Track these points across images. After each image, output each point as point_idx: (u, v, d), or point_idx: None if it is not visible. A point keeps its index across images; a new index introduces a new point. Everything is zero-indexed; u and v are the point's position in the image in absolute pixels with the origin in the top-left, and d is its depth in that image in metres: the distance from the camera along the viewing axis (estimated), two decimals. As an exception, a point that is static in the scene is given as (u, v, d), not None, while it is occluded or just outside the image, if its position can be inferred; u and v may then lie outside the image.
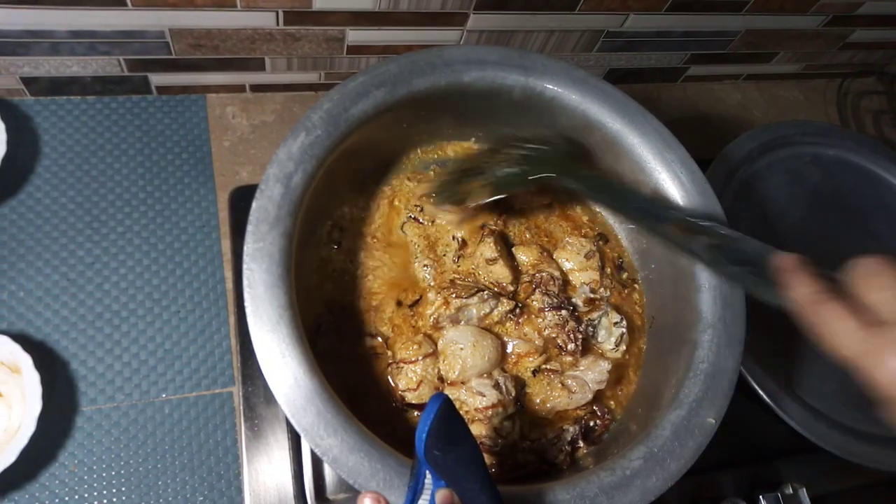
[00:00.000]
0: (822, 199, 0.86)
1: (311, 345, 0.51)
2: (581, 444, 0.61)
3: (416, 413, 0.59)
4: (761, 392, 0.69)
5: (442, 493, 0.41)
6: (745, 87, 1.06)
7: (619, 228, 0.71)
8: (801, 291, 0.45)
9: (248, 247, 0.51)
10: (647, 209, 0.58)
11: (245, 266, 0.50)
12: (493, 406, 0.57)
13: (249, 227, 0.51)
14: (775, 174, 0.84)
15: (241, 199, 0.77)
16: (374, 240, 0.65)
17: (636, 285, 0.69)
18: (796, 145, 0.86)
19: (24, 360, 0.62)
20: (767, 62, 1.02)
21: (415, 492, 0.42)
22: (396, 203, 0.67)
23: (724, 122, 1.02)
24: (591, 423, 0.61)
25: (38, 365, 0.62)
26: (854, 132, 1.00)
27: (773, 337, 0.76)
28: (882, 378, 0.40)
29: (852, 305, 0.42)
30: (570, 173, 0.60)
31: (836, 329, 0.42)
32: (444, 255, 0.65)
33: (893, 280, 0.42)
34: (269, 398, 0.68)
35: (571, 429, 0.60)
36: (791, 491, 0.71)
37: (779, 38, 0.96)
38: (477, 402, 0.57)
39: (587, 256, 0.66)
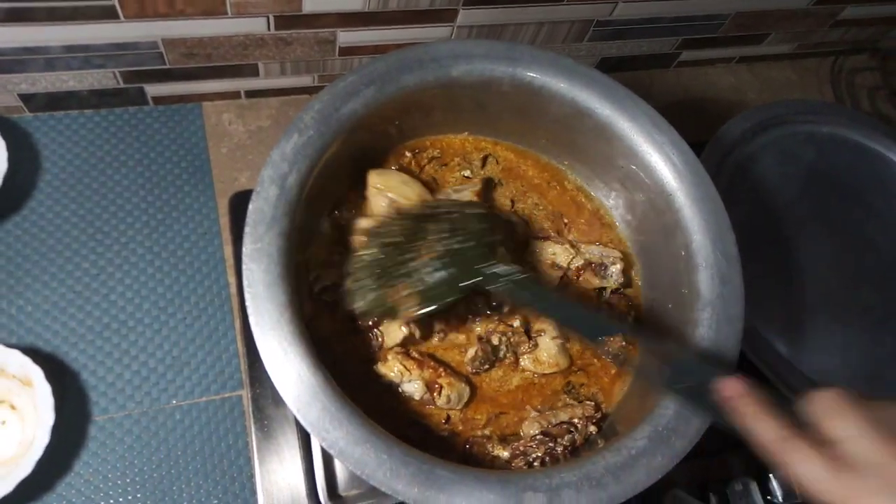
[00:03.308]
0: (818, 177, 0.86)
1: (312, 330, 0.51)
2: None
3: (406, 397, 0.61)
4: (764, 369, 0.69)
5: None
6: (738, 70, 1.06)
7: (619, 219, 0.72)
8: (762, 429, 0.44)
9: (247, 248, 0.51)
10: (586, 321, 0.56)
11: (244, 266, 0.51)
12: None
13: (247, 229, 0.52)
14: (770, 154, 0.84)
15: (241, 204, 0.77)
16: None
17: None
18: (790, 124, 0.86)
19: (35, 373, 0.63)
20: (759, 44, 1.02)
21: None
22: (391, 195, 0.67)
23: (718, 106, 1.02)
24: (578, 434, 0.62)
25: (49, 377, 0.63)
26: (847, 109, 1.00)
27: (774, 313, 0.76)
28: None
29: (817, 442, 0.41)
30: (497, 280, 0.55)
31: (807, 471, 0.41)
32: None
33: (855, 417, 0.41)
34: (278, 399, 0.69)
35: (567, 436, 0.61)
36: (800, 467, 0.71)
37: (769, 19, 0.96)
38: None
39: None
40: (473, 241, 0.57)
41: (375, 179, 0.65)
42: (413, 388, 0.60)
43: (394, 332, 0.61)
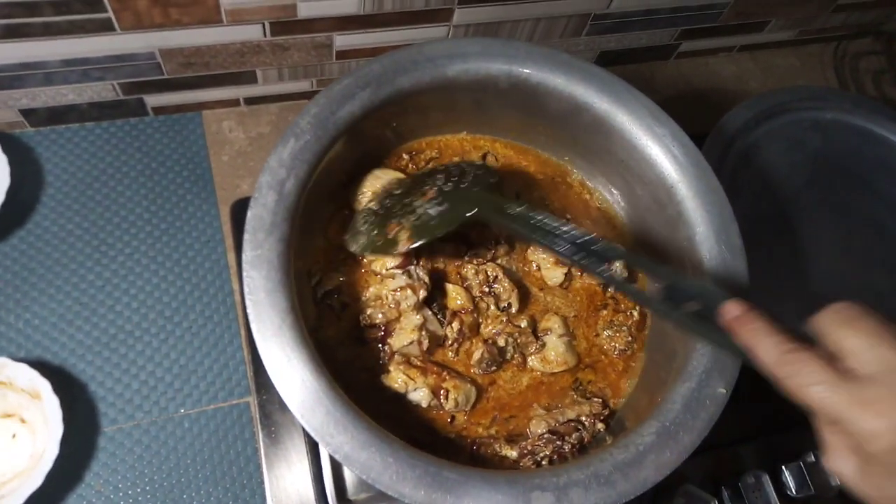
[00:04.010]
0: (824, 164, 0.85)
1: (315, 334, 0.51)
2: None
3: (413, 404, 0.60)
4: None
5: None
6: (740, 59, 1.05)
7: (622, 213, 0.71)
8: (764, 343, 0.42)
9: (247, 254, 0.51)
10: (584, 246, 0.53)
11: (245, 273, 0.51)
12: (402, 288, 0.60)
13: (246, 236, 0.52)
14: (774, 142, 0.83)
15: (243, 211, 0.75)
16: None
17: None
18: (794, 111, 0.85)
19: (44, 386, 0.64)
20: (760, 31, 1.01)
21: None
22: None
23: (720, 96, 1.01)
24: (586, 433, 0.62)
25: (58, 389, 0.64)
26: (851, 94, 0.99)
27: (782, 303, 0.75)
28: (868, 430, 0.37)
29: (823, 355, 0.39)
30: (495, 209, 0.56)
31: (813, 382, 0.39)
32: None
33: (864, 327, 0.39)
34: (284, 405, 0.67)
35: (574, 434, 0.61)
36: (813, 459, 0.70)
37: (770, 6, 0.95)
38: (391, 284, 0.61)
39: None
40: (468, 182, 0.59)
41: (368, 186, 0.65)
42: (419, 395, 0.59)
43: (402, 337, 0.61)
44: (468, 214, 0.56)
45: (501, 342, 0.63)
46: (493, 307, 0.64)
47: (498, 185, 0.60)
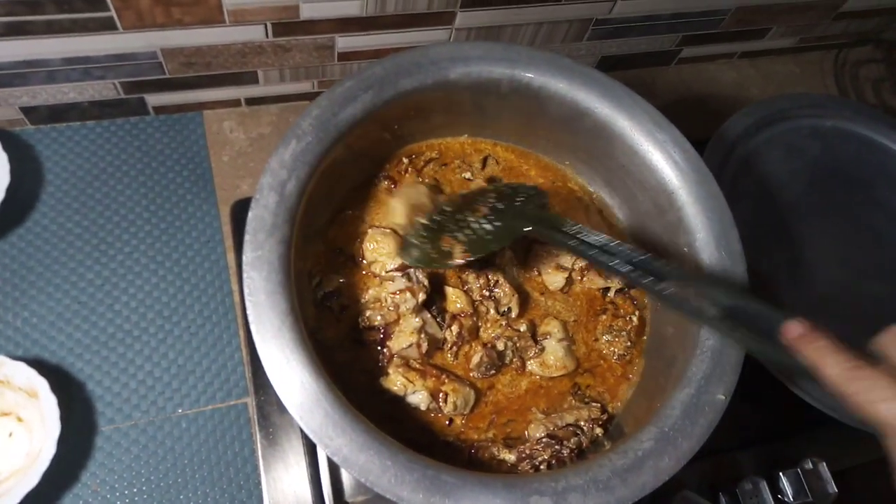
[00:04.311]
0: (824, 172, 0.85)
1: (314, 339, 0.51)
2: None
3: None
4: (772, 368, 0.69)
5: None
6: (741, 65, 1.05)
7: (622, 219, 0.71)
8: (830, 360, 0.42)
9: (247, 256, 0.51)
10: (641, 266, 0.53)
11: (245, 275, 0.51)
12: (402, 291, 0.60)
13: (247, 237, 0.52)
14: (774, 149, 0.83)
15: (243, 212, 0.76)
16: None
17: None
18: (794, 119, 0.85)
19: (41, 385, 0.64)
20: (761, 38, 1.01)
21: None
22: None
23: (721, 102, 1.01)
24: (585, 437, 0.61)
25: (55, 388, 0.64)
26: (851, 101, 1.00)
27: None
28: None
29: (890, 373, 0.39)
30: (550, 226, 0.57)
31: (881, 399, 0.38)
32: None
33: None
34: (283, 407, 0.67)
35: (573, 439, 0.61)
36: (811, 466, 0.70)
37: (770, 13, 0.95)
38: (390, 286, 0.61)
39: None
40: (521, 201, 0.60)
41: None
42: (418, 398, 0.59)
43: (401, 340, 0.61)
44: (524, 230, 0.57)
45: (500, 346, 0.63)
46: (492, 311, 0.64)
47: (548, 206, 0.61)
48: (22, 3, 0.62)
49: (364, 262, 0.64)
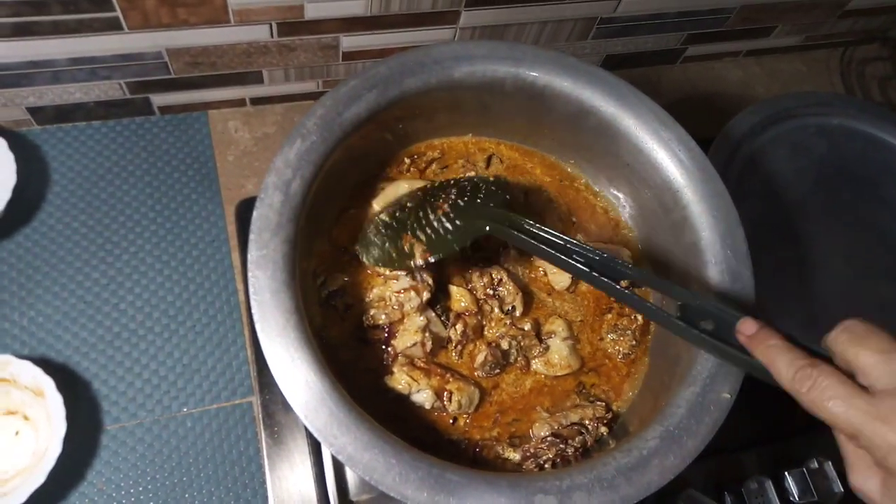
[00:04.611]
0: (830, 170, 0.85)
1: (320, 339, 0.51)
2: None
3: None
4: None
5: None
6: (746, 64, 1.05)
7: (627, 217, 0.71)
8: (781, 359, 0.43)
9: (252, 255, 0.51)
10: (600, 266, 0.53)
11: (250, 274, 0.51)
12: (406, 290, 0.61)
13: (252, 236, 0.52)
14: (780, 147, 0.83)
15: (248, 211, 0.76)
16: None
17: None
18: (799, 117, 0.85)
19: (47, 384, 0.64)
20: (767, 36, 1.01)
21: None
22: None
23: (726, 101, 1.01)
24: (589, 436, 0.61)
25: (61, 387, 0.64)
26: (857, 99, 0.99)
27: (787, 308, 0.75)
28: (889, 444, 0.37)
29: (839, 371, 0.40)
30: (509, 225, 0.56)
31: (830, 397, 0.39)
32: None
33: (878, 342, 0.40)
34: (287, 405, 0.68)
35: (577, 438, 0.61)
36: (817, 465, 0.70)
37: (776, 11, 0.95)
38: (394, 285, 0.61)
39: None
40: (482, 198, 0.59)
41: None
42: (423, 397, 0.59)
43: (406, 339, 0.61)
44: (485, 230, 0.57)
45: (505, 345, 0.63)
46: (497, 310, 0.64)
47: (511, 202, 0.60)
48: (28, 4, 0.62)
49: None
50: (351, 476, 0.67)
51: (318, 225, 0.63)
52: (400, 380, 0.59)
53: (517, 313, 0.64)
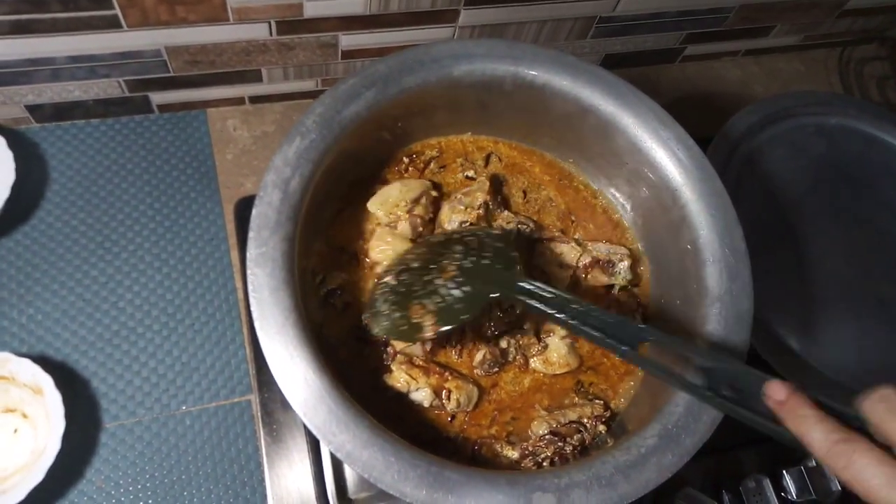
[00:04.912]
0: (828, 169, 0.85)
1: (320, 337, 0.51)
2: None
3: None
4: (776, 366, 0.69)
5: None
6: (745, 63, 1.05)
7: (626, 216, 0.71)
8: (814, 431, 0.40)
9: (251, 252, 0.51)
10: (615, 329, 0.51)
11: (249, 271, 0.51)
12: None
13: (251, 234, 0.52)
14: (778, 147, 0.83)
15: (247, 210, 0.75)
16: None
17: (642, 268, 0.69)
18: (798, 116, 0.85)
19: (46, 381, 0.64)
20: (765, 36, 1.01)
21: None
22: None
23: (725, 100, 1.01)
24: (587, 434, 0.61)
25: (60, 385, 0.64)
26: (856, 99, 0.99)
27: (786, 308, 0.76)
28: None
29: (878, 445, 0.38)
30: (518, 291, 0.54)
31: (869, 476, 0.37)
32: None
33: None
34: (286, 403, 0.68)
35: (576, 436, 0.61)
36: (814, 463, 0.70)
37: (775, 11, 0.95)
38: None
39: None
40: (489, 260, 0.57)
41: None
42: (421, 395, 0.59)
43: (410, 348, 0.61)
44: (492, 296, 0.55)
45: (504, 344, 0.63)
46: (496, 310, 0.64)
47: (517, 258, 0.57)
48: (27, 2, 0.62)
49: (368, 261, 0.64)
50: (349, 474, 0.67)
51: (317, 223, 0.63)
52: (399, 378, 0.59)
53: (517, 310, 0.64)
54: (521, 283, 0.54)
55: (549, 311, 0.52)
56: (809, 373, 0.71)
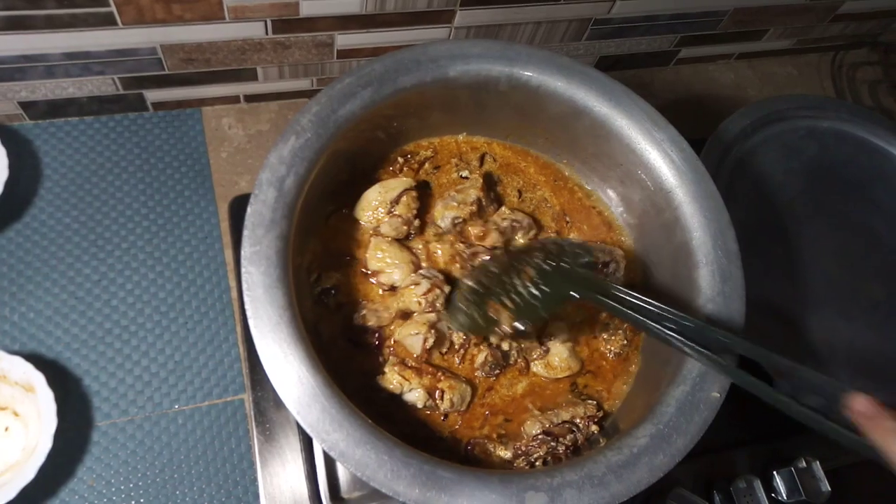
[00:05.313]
0: (820, 172, 0.86)
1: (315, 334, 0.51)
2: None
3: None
4: (767, 367, 0.69)
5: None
6: (738, 66, 1.06)
7: (620, 217, 0.71)
8: None
9: (246, 250, 0.51)
10: (694, 334, 0.51)
11: (243, 269, 0.51)
12: (430, 290, 0.60)
13: (245, 232, 0.52)
14: (771, 150, 0.84)
15: (241, 208, 0.75)
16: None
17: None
18: (790, 119, 0.86)
19: (38, 379, 0.64)
20: (759, 39, 1.02)
21: None
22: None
23: (718, 103, 1.02)
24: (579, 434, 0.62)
25: (52, 383, 0.64)
26: (848, 103, 1.00)
27: (778, 309, 0.76)
28: None
29: None
30: (597, 290, 0.55)
31: None
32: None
33: None
34: (279, 403, 0.68)
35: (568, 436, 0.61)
36: (804, 465, 0.71)
37: (768, 15, 0.96)
38: (417, 291, 0.61)
39: None
40: (567, 261, 0.58)
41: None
42: (415, 396, 0.59)
43: (409, 328, 0.61)
44: (570, 296, 0.56)
45: (505, 346, 0.63)
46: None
47: (594, 264, 0.59)
48: (22, -2, 0.62)
49: (369, 271, 0.64)
50: (342, 473, 0.67)
51: (312, 222, 0.63)
52: (392, 379, 0.59)
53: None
54: (599, 283, 0.56)
55: (627, 312, 0.54)
56: (801, 373, 0.72)
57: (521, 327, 0.56)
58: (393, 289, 0.63)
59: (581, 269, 0.57)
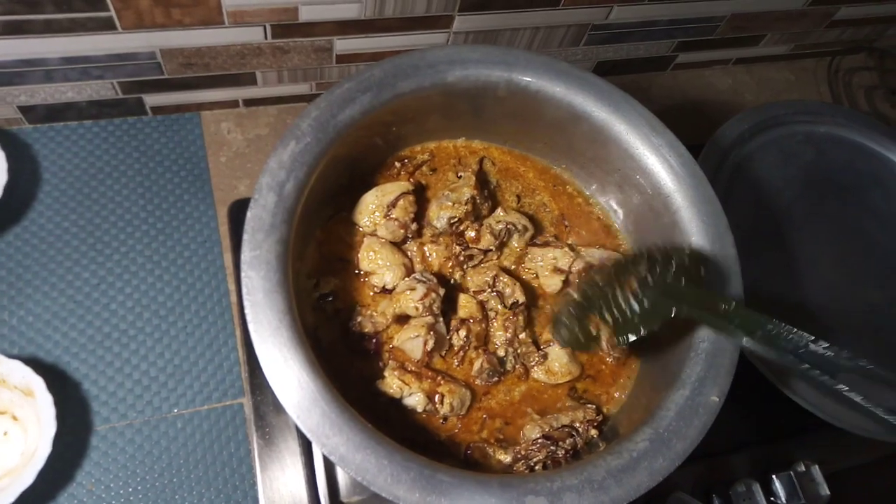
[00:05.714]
0: (817, 177, 0.86)
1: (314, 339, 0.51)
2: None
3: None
4: (765, 371, 0.69)
5: None
6: (736, 72, 1.06)
7: (619, 222, 0.72)
8: None
9: (245, 255, 0.51)
10: (815, 358, 0.51)
11: (243, 274, 0.51)
12: (426, 294, 0.60)
13: (245, 236, 0.52)
14: (768, 154, 0.84)
15: (241, 213, 0.77)
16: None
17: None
18: (787, 125, 0.86)
19: (37, 383, 0.64)
20: (756, 45, 1.02)
21: None
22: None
23: (716, 108, 1.02)
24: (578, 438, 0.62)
25: (51, 387, 0.63)
26: (845, 108, 1.01)
27: (775, 314, 0.76)
28: None
29: None
30: (700, 306, 0.54)
31: None
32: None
33: None
34: (279, 407, 0.69)
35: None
36: (804, 469, 0.71)
37: (765, 20, 0.96)
38: (414, 296, 0.60)
39: None
40: (672, 272, 0.58)
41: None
42: (415, 400, 0.59)
43: (409, 331, 0.61)
44: (670, 314, 0.55)
45: (501, 352, 0.63)
46: (500, 306, 0.64)
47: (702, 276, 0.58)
48: (21, 2, 0.62)
49: (361, 271, 0.64)
50: (342, 477, 0.67)
51: (311, 227, 0.63)
52: (391, 384, 0.59)
53: (520, 303, 0.64)
54: (704, 299, 0.55)
55: (735, 333, 0.53)
56: (798, 376, 0.72)
57: (621, 345, 0.57)
58: (385, 291, 0.63)
59: (686, 282, 0.56)
